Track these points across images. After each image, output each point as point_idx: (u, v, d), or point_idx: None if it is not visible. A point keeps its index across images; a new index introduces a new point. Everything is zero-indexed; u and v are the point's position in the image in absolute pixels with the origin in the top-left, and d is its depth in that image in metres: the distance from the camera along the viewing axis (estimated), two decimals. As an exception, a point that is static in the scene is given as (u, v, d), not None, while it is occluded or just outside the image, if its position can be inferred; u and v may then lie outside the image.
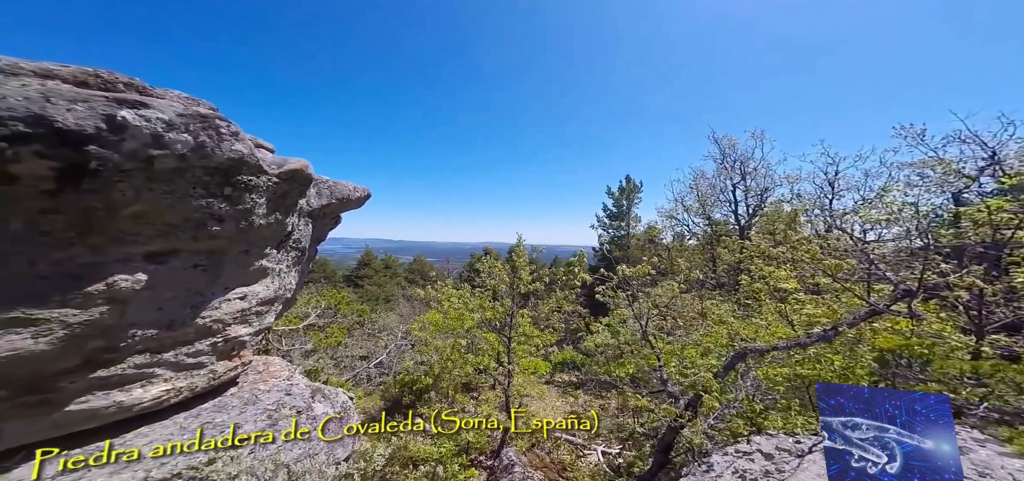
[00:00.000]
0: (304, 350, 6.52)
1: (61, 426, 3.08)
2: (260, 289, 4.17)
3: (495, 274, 5.44)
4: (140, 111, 2.83)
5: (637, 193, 18.18)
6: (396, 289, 15.16)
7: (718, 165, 11.36)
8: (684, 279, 4.64)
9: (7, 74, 2.49)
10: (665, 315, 4.53)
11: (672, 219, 12.34)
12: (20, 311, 2.51)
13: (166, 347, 3.49)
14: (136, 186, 2.86)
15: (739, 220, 10.98)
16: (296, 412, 4.65)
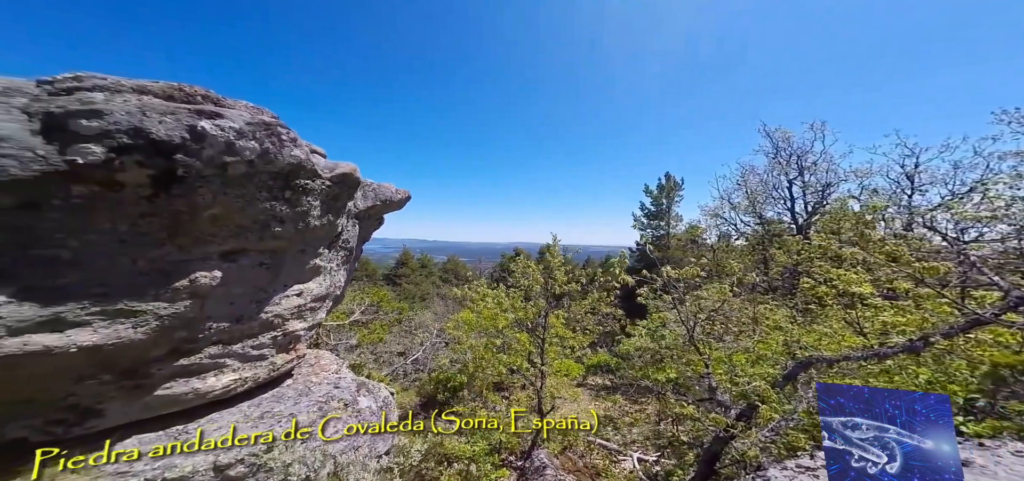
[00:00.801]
0: (349, 345, 6.86)
1: (150, 409, 3.43)
2: (314, 286, 4.42)
3: (529, 275, 5.42)
4: (216, 121, 3.08)
5: (678, 191, 17.37)
6: (431, 288, 15.63)
7: (771, 160, 10.61)
8: (736, 282, 4.36)
9: (112, 92, 2.80)
10: (714, 320, 4.28)
11: (717, 218, 11.65)
12: (123, 304, 2.82)
13: (235, 339, 3.79)
14: (214, 190, 3.12)
15: (796, 218, 10.25)
16: (343, 405, 4.88)
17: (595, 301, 4.81)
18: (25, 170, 2.30)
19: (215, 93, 3.47)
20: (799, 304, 4.80)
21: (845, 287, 3.23)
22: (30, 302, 2.44)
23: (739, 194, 11.31)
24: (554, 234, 5.01)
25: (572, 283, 4.73)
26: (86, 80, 2.73)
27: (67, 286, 2.59)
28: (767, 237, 9.75)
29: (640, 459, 6.33)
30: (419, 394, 7.17)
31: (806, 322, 4.25)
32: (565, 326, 5.36)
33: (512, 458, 6.22)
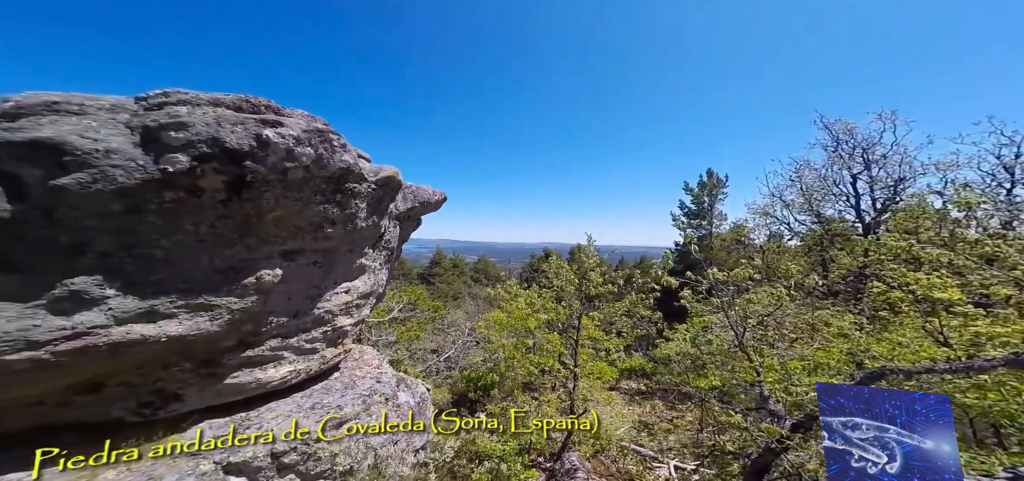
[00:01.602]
0: (388, 341, 7.17)
1: (221, 395, 3.75)
2: (360, 284, 4.66)
3: (562, 275, 5.39)
4: (277, 129, 3.32)
5: (721, 188, 16.59)
6: (463, 287, 16.00)
7: (830, 154, 9.68)
8: (794, 285, 4.06)
9: (193, 105, 3.10)
10: (766, 325, 4.02)
11: (767, 216, 10.78)
12: (203, 298, 3.11)
13: (292, 333, 4.06)
14: (276, 194, 3.37)
15: (862, 217, 9.30)
16: (384, 399, 5.09)
17: (632, 303, 4.68)
18: (130, 178, 2.60)
19: (275, 103, 3.74)
20: (866, 310, 4.39)
21: (925, 292, 2.93)
22: (132, 295, 2.76)
23: (793, 191, 10.46)
24: (588, 234, 4.95)
25: (608, 285, 4.63)
26: (172, 95, 3.04)
27: (160, 282, 2.90)
28: (826, 237, 8.92)
29: (677, 467, 6.12)
30: (451, 392, 7.35)
31: (875, 330, 3.89)
32: (598, 328, 5.28)
33: (541, 459, 6.23)
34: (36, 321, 2.41)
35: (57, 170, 2.39)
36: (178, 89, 3.10)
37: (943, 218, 3.64)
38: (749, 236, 10.95)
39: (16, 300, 2.34)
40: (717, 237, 14.38)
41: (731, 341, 4.22)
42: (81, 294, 2.55)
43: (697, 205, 17.05)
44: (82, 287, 2.55)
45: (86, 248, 2.59)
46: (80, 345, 2.56)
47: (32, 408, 2.89)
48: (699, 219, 16.88)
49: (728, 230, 13.52)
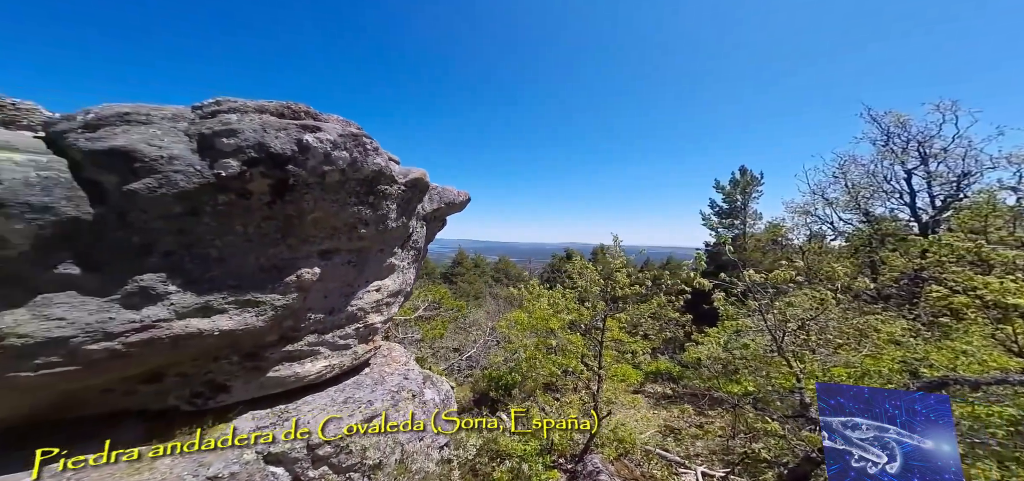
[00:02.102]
0: (413, 339, 7.37)
1: (264, 388, 3.98)
2: (389, 283, 4.82)
3: (586, 276, 5.35)
4: (316, 134, 3.49)
5: (755, 186, 15.82)
6: (484, 287, 16.19)
7: (880, 148, 8.96)
8: (841, 288, 3.84)
9: (242, 113, 3.30)
10: (808, 329, 3.82)
11: (807, 215, 10.09)
12: (251, 295, 3.31)
13: (328, 329, 4.26)
14: (315, 196, 3.54)
15: (918, 215, 8.61)
16: (412, 395, 5.23)
17: (660, 305, 4.57)
18: (189, 182, 2.82)
19: (314, 109, 3.93)
20: (923, 316, 4.08)
21: (996, 298, 2.70)
22: (190, 292, 2.98)
23: (836, 188, 9.71)
24: (614, 234, 4.88)
25: (635, 286, 4.55)
26: (223, 103, 3.25)
27: (213, 279, 3.12)
28: (876, 237, 8.23)
29: (705, 474, 5.95)
30: (473, 390, 7.45)
31: (933, 337, 3.61)
32: (623, 330, 5.21)
33: (562, 460, 6.20)
34: (111, 314, 2.65)
35: (129, 176, 2.62)
36: (228, 98, 3.32)
37: (1018, 217, 3.34)
38: (787, 236, 10.31)
39: (96, 295, 2.59)
40: (751, 237, 13.62)
41: (767, 345, 4.04)
42: (148, 290, 2.78)
43: (729, 204, 16.33)
44: (149, 283, 2.78)
45: (152, 248, 2.82)
46: (147, 337, 2.79)
47: (104, 395, 3.18)
48: (731, 218, 16.16)
49: (763, 230, 12.82)
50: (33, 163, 2.30)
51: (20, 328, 2.30)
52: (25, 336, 2.31)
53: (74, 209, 2.42)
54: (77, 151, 2.49)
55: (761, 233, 12.92)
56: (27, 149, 2.34)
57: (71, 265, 2.48)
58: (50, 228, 2.33)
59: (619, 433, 5.40)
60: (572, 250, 12.07)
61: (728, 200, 16.39)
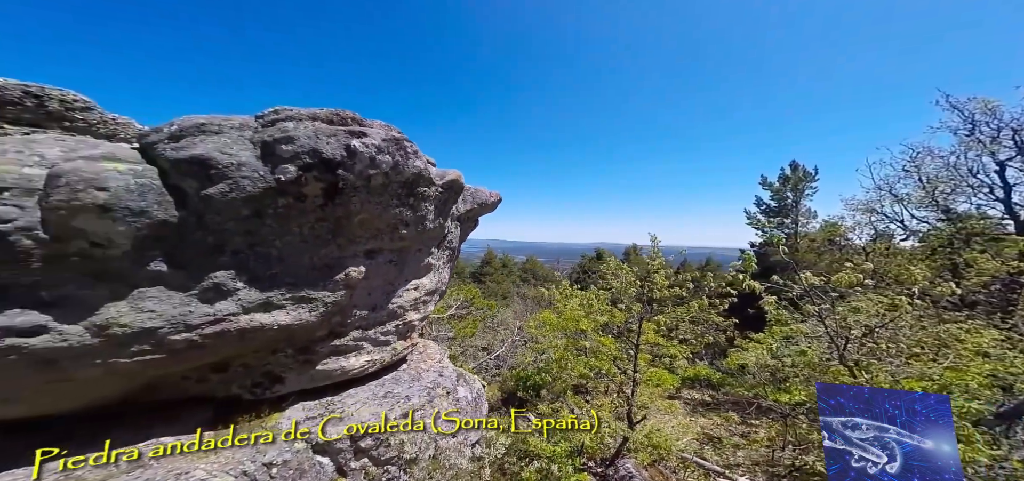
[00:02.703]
0: (446, 337, 7.59)
1: (313, 381, 4.23)
2: (426, 282, 4.98)
3: (621, 277, 5.26)
4: (362, 139, 3.67)
5: (809, 182, 14.69)
6: (512, 287, 16.40)
7: (964, 138, 8.06)
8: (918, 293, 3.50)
9: (297, 120, 3.54)
10: (878, 337, 3.52)
11: (871, 213, 9.20)
12: (305, 292, 3.55)
13: (371, 325, 4.47)
14: (362, 199, 3.73)
15: (1015, 212, 7.70)
16: (446, 392, 5.37)
17: (702, 308, 4.38)
18: (255, 187, 3.06)
19: (359, 115, 4.14)
20: (1021, 325, 3.63)
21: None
22: (255, 288, 3.23)
23: (908, 183, 8.76)
24: (652, 234, 4.74)
25: (675, 288, 4.41)
26: (281, 112, 3.50)
27: (273, 277, 3.37)
28: (959, 237, 7.35)
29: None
30: (501, 389, 7.54)
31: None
32: (659, 334, 5.07)
33: (592, 463, 6.13)
34: (190, 308, 2.93)
35: (206, 182, 2.89)
36: (286, 107, 3.57)
37: None
38: (846, 235, 9.42)
39: (179, 290, 2.87)
40: (805, 237, 12.36)
41: (824, 353, 3.77)
42: (220, 286, 3.05)
43: (778, 201, 15.26)
44: (221, 280, 3.05)
45: (224, 247, 3.09)
46: (219, 329, 3.07)
47: (182, 382, 3.51)
48: (781, 217, 15.04)
49: (818, 228, 11.85)
50: (132, 171, 2.59)
51: (121, 319, 2.59)
52: (125, 326, 2.61)
53: (163, 212, 2.70)
54: (165, 160, 2.78)
55: (816, 232, 11.88)
56: (127, 159, 2.64)
57: (160, 263, 2.77)
58: (145, 229, 2.62)
59: (654, 438, 5.27)
60: (602, 250, 11.86)
61: (777, 197, 15.34)
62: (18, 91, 2.53)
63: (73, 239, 2.40)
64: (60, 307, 2.43)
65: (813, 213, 14.54)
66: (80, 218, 2.37)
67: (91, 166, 2.43)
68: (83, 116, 2.85)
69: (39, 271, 2.32)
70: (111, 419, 3.29)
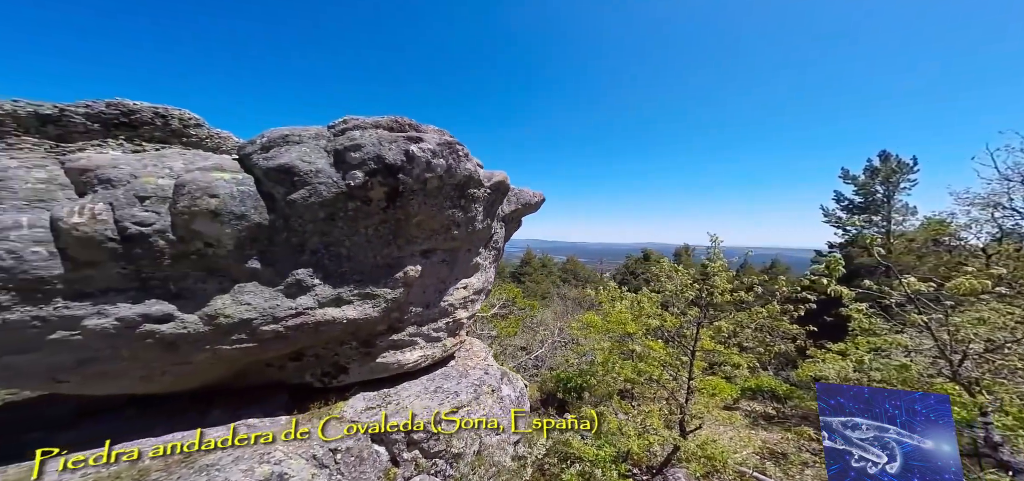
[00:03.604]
0: (489, 336, 7.80)
1: (373, 372, 4.55)
2: (474, 281, 5.16)
3: (676, 279, 5.05)
4: (419, 145, 3.88)
5: (905, 174, 13.13)
6: (551, 287, 16.55)
7: None
8: None
9: (363, 129, 3.83)
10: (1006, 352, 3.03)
11: (995, 208, 8.04)
12: (370, 288, 3.83)
13: (424, 322, 4.71)
14: (419, 201, 3.95)
15: None
16: (491, 390, 5.50)
17: (773, 314, 4.06)
18: (329, 192, 3.37)
19: (415, 121, 4.39)
20: None
21: None
22: (328, 284, 3.56)
23: None
24: (713, 234, 4.49)
25: (741, 292, 4.14)
26: (350, 122, 3.81)
27: (344, 274, 3.68)
28: None
29: (814, 508, 5.21)
30: (540, 390, 7.58)
31: None
32: (715, 340, 4.81)
33: (638, 471, 5.96)
34: (277, 301, 3.30)
35: (291, 188, 3.24)
36: (354, 116, 3.88)
37: None
38: (958, 234, 8.06)
39: (269, 286, 3.24)
40: (901, 237, 10.75)
41: (927, 368, 3.32)
42: (301, 282, 3.40)
43: (864, 196, 13.75)
44: (302, 277, 3.39)
45: (304, 247, 3.43)
46: (299, 322, 3.41)
47: (266, 368, 3.95)
48: (869, 214, 13.50)
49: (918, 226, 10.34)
50: (235, 180, 2.98)
51: (226, 310, 2.99)
52: (228, 317, 3.00)
53: (258, 216, 3.07)
54: (259, 169, 3.16)
55: (915, 231, 10.39)
56: (230, 169, 3.04)
57: (255, 261, 3.15)
58: (244, 231, 2.99)
59: (708, 449, 5.01)
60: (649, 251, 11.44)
61: (862, 192, 13.78)
62: (150, 112, 3.01)
63: (192, 240, 2.81)
64: (182, 299, 2.85)
65: (911, 209, 12.89)
66: (198, 221, 2.77)
67: (205, 176, 2.83)
68: (196, 132, 3.32)
69: (168, 267, 2.75)
70: (212, 398, 3.79)
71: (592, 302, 6.92)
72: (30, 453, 3.02)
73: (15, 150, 2.44)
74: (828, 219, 14.54)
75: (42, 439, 3.16)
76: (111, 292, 2.57)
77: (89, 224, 2.39)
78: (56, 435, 3.07)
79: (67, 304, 2.41)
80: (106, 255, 2.49)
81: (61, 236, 2.35)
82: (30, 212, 2.31)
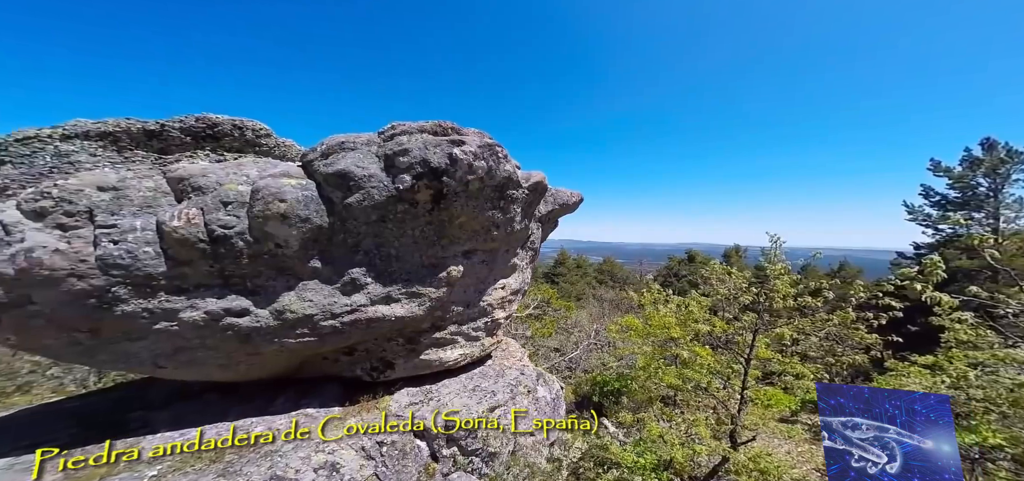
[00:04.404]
0: (524, 336, 7.91)
1: (416, 369, 4.77)
2: (512, 281, 5.24)
3: (729, 282, 4.79)
4: (462, 147, 4.00)
5: (1016, 164, 11.55)
6: (586, 288, 16.45)
7: None
8: None
9: (409, 134, 4.03)
10: None
11: None
12: (416, 287, 4.02)
13: (464, 321, 4.86)
14: (462, 203, 4.08)
15: None
16: (527, 390, 5.55)
17: (848, 322, 3.71)
18: (381, 195, 3.58)
19: (457, 125, 4.54)
20: None
21: None
22: (379, 283, 3.79)
23: None
24: (773, 234, 4.18)
25: (806, 297, 3.82)
26: (398, 128, 4.03)
27: (392, 273, 3.90)
28: None
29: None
30: (575, 393, 7.53)
31: None
32: (770, 348, 4.50)
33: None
34: (334, 299, 3.56)
35: (347, 192, 3.48)
36: (400, 122, 4.09)
37: None
38: None
39: (328, 284, 3.52)
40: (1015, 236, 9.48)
41: None
42: (356, 281, 3.65)
43: (961, 191, 12.27)
44: (356, 276, 3.64)
45: (358, 247, 3.68)
46: (354, 318, 3.66)
47: (322, 361, 4.28)
48: (969, 210, 11.90)
49: None
50: (300, 185, 3.27)
51: (292, 306, 3.28)
52: (294, 312, 3.29)
53: (319, 218, 3.34)
54: (320, 175, 3.43)
55: None
56: (296, 175, 3.34)
57: (316, 260, 3.43)
58: (308, 233, 3.27)
59: (761, 463, 4.71)
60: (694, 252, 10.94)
61: (958, 185, 12.30)
62: (229, 124, 3.39)
63: (266, 240, 3.12)
64: (256, 295, 3.18)
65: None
66: (270, 224, 3.07)
67: (276, 182, 3.13)
68: (265, 141, 3.68)
69: (246, 266, 3.08)
70: (277, 387, 4.17)
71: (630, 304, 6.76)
72: (133, 429, 3.51)
73: (130, 163, 2.88)
74: (913, 217, 12.97)
75: (142, 416, 3.65)
76: (201, 288, 2.93)
77: (186, 227, 2.75)
78: (153, 414, 3.54)
79: (168, 298, 2.79)
80: (198, 255, 2.85)
81: (164, 238, 2.73)
82: (142, 217, 2.71)
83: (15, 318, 2.58)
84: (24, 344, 2.89)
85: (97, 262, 2.61)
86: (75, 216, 2.58)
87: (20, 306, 2.52)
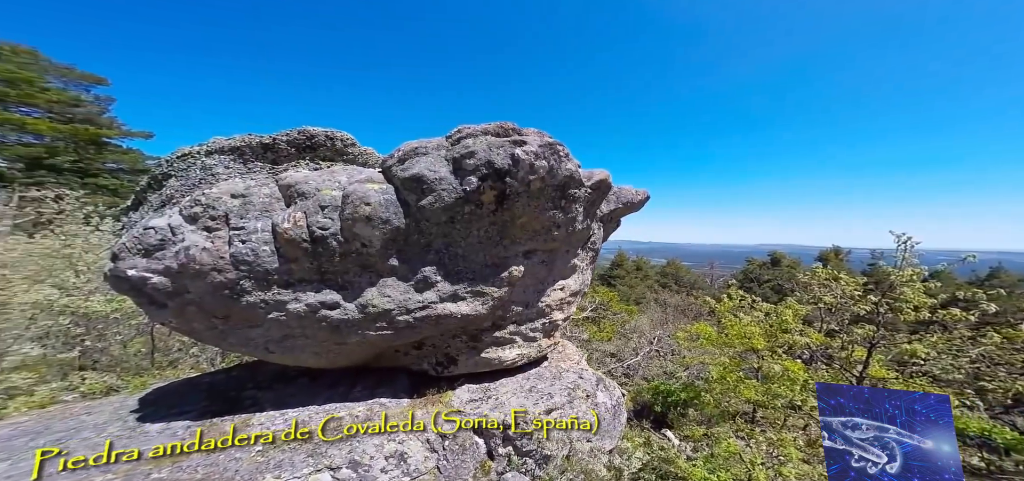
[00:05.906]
0: (581, 339, 7.91)
1: (477, 366, 4.99)
2: (571, 282, 5.24)
3: (836, 288, 4.26)
4: (523, 148, 4.08)
5: None
6: (647, 291, 15.97)
7: None
8: None
9: (474, 136, 4.23)
10: None
11: None
12: (480, 287, 4.22)
13: (523, 321, 4.98)
14: (523, 203, 4.17)
15: None
16: (585, 395, 5.49)
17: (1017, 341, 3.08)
18: (450, 197, 3.82)
19: (517, 125, 4.67)
20: None
21: None
22: (447, 282, 4.04)
23: None
24: (901, 234, 3.53)
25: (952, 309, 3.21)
26: (463, 131, 4.25)
27: (459, 272, 4.13)
28: None
29: None
30: (633, 401, 7.28)
31: None
32: (887, 365, 3.90)
33: None
34: (409, 295, 3.88)
35: (420, 195, 3.78)
36: (465, 125, 4.32)
37: None
38: None
39: (403, 281, 3.85)
40: None
41: None
42: (427, 278, 3.94)
43: None
44: (428, 274, 3.93)
45: (430, 247, 3.97)
46: (425, 314, 3.96)
47: (394, 354, 4.70)
48: None
49: None
50: (382, 190, 3.63)
51: (374, 301, 3.65)
52: (375, 306, 3.66)
53: (397, 220, 3.67)
54: (397, 179, 3.77)
55: None
56: (378, 181, 3.72)
57: (395, 259, 3.77)
58: (388, 233, 3.62)
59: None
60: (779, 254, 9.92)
61: None
62: (323, 136, 3.90)
63: (354, 240, 3.52)
64: (345, 290, 3.60)
65: None
66: (357, 226, 3.45)
67: (362, 187, 3.51)
68: (351, 150, 4.16)
69: (338, 264, 3.51)
70: (357, 375, 4.67)
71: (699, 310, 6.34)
72: (246, 406, 4.18)
73: (252, 172, 3.48)
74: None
75: (253, 395, 4.34)
76: (303, 282, 3.42)
77: (294, 228, 3.24)
78: (261, 392, 4.20)
79: (279, 291, 3.30)
80: (302, 253, 3.33)
81: (277, 238, 3.25)
82: (262, 219, 3.26)
83: (177, 305, 3.29)
84: (181, 327, 3.64)
85: (230, 258, 3.19)
86: (217, 219, 3.19)
87: (180, 295, 3.21)
